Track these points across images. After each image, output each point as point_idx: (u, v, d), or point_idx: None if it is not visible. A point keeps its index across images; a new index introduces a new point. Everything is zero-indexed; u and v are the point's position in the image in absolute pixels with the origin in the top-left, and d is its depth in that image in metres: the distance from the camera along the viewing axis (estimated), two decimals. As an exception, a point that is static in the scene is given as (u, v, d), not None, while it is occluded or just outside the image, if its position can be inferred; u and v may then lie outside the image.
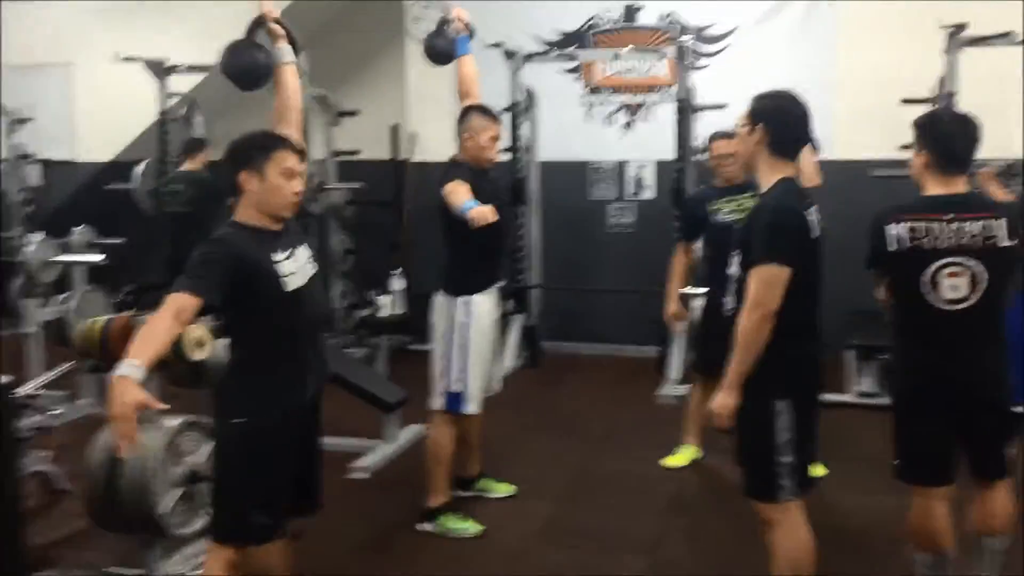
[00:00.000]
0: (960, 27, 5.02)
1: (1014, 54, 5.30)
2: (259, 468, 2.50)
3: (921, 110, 5.52)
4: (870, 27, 6.29)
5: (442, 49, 4.04)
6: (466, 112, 3.79)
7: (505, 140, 3.89)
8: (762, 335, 2.51)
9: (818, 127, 2.81)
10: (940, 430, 2.74)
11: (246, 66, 2.87)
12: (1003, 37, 5.01)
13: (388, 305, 5.94)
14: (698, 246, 4.55)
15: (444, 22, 4.03)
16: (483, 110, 3.79)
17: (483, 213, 3.21)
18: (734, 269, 2.65)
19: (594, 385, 6.19)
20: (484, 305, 3.80)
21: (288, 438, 2.57)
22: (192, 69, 6.66)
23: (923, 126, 2.80)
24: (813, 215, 2.60)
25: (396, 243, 7.24)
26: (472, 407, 3.78)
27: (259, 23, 2.86)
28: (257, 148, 2.53)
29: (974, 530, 2.94)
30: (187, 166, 6.30)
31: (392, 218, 7.33)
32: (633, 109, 6.96)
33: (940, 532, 2.82)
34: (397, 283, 5.97)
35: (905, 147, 5.65)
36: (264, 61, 2.83)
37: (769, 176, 2.64)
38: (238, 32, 2.91)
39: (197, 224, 5.84)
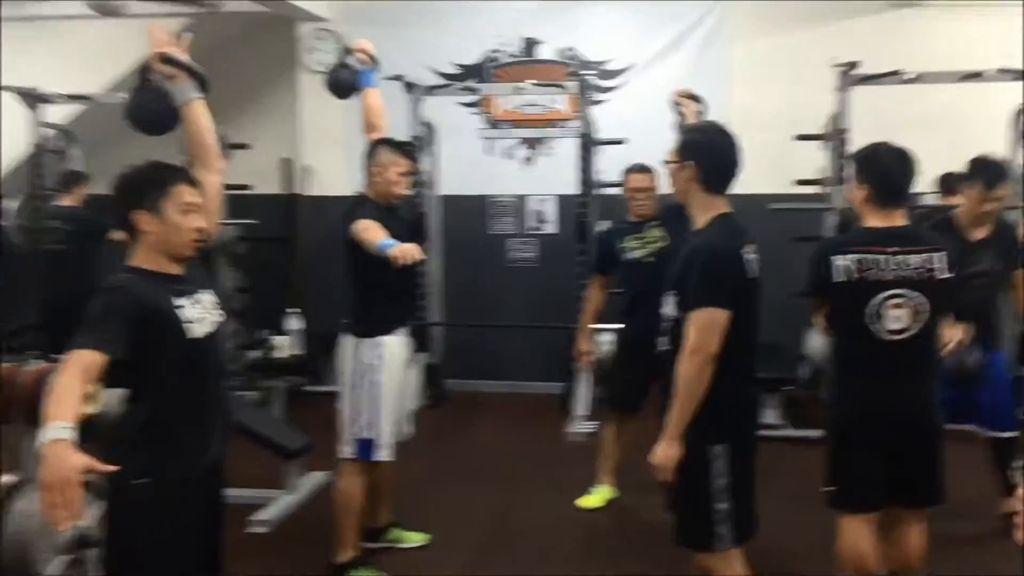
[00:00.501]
0: (851, 65, 5.17)
1: (901, 93, 5.49)
2: (162, 534, 2.27)
3: (813, 146, 5.76)
4: (763, 65, 6.45)
5: (346, 81, 3.90)
6: (374, 146, 3.65)
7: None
8: (704, 380, 2.44)
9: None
10: (875, 459, 2.75)
11: (148, 114, 2.63)
12: (892, 76, 5.18)
13: (284, 346, 5.69)
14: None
15: (346, 53, 3.89)
16: (392, 144, 3.66)
17: (407, 252, 3.05)
18: (669, 309, 2.58)
19: (500, 424, 6.07)
20: (394, 347, 3.64)
21: (193, 499, 2.36)
22: (70, 99, 6.27)
23: (862, 160, 2.82)
24: (750, 254, 2.56)
25: (289, 280, 7.00)
26: (384, 454, 3.60)
27: (147, 67, 2.58)
28: (151, 184, 2.32)
29: (891, 567, 2.94)
30: (64, 201, 5.98)
31: (286, 255, 7.09)
32: (532, 143, 6.93)
33: (869, 555, 2.83)
34: (294, 323, 5.74)
35: (801, 182, 5.89)
36: (167, 105, 2.56)
37: (704, 213, 2.59)
38: (118, 59, 2.68)
39: (74, 263, 5.58)
